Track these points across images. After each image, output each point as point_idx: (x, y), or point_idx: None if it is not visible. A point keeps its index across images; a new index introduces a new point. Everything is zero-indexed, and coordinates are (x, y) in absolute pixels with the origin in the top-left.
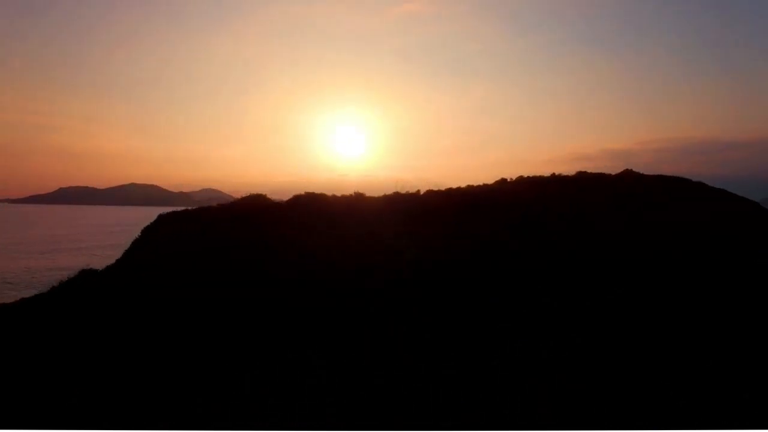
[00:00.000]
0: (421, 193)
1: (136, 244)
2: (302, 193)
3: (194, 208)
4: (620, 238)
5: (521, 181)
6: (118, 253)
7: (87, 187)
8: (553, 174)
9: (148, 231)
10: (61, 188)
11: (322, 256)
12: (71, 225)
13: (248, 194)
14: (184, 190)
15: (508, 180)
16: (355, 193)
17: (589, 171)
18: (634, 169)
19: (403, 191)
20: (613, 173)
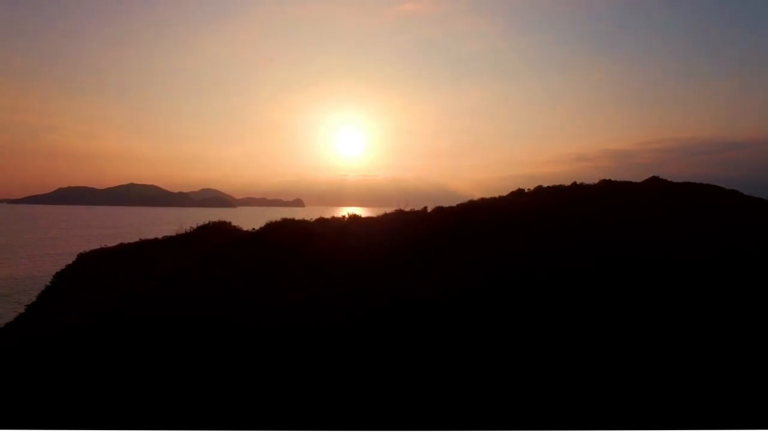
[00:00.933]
0: (429, 210)
1: (50, 292)
2: (278, 219)
3: (134, 241)
4: (640, 253)
5: (540, 191)
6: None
7: (86, 188)
8: (574, 183)
9: (66, 275)
10: (60, 188)
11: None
12: (66, 227)
13: (208, 222)
14: (184, 191)
15: (526, 191)
16: (348, 215)
17: (614, 179)
18: (660, 176)
19: (407, 208)
20: (639, 180)
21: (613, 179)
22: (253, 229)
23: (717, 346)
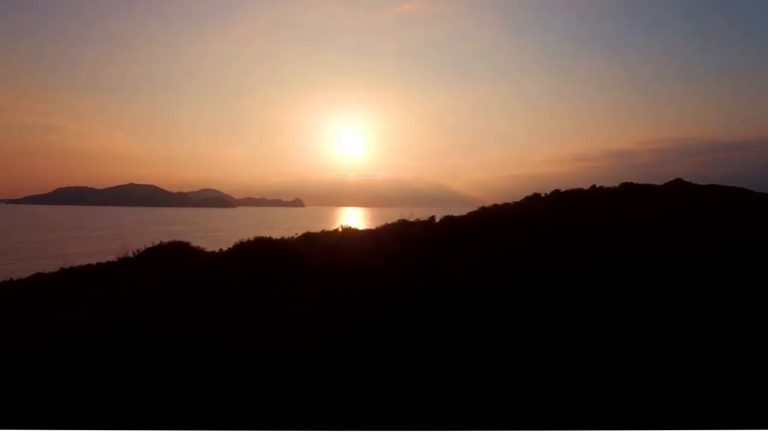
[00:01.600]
0: (436, 220)
1: None
2: (251, 238)
3: (54, 270)
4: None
5: (557, 195)
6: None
7: (85, 188)
8: (593, 186)
9: None
10: (59, 188)
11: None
12: (65, 228)
13: (160, 243)
14: (183, 191)
15: (542, 195)
16: (342, 228)
17: (636, 182)
18: (683, 179)
19: (412, 219)
20: (662, 183)
21: (635, 182)
22: (221, 249)
23: (717, 346)
